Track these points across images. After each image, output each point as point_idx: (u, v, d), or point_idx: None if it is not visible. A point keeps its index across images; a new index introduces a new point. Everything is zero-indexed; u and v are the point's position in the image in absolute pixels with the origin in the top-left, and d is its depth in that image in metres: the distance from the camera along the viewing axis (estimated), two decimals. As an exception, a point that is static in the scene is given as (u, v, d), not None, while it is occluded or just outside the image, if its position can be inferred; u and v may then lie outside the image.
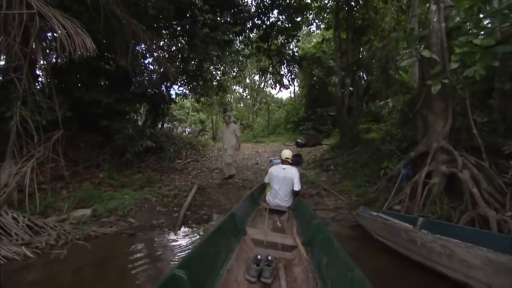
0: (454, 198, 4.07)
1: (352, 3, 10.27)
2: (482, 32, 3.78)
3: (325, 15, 12.29)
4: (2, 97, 4.39)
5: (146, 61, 8.10)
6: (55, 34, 4.29)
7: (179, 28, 8.30)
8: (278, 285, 2.16)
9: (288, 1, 10.13)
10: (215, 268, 2.17)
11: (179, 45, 8.61)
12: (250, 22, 9.95)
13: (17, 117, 4.00)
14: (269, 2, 9.92)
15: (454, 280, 2.33)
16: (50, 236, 3.41)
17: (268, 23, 10.40)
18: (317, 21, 13.17)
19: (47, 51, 4.95)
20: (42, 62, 5.12)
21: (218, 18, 8.03)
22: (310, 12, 12.02)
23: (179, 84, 10.17)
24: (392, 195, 4.72)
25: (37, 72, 5.79)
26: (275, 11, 10.35)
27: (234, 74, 14.62)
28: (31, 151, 4.15)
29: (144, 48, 7.16)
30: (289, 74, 13.77)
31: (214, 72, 12.08)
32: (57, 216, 3.97)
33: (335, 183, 6.95)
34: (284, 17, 10.53)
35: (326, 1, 11.62)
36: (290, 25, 10.58)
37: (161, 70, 7.89)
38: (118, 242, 3.66)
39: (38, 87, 5.34)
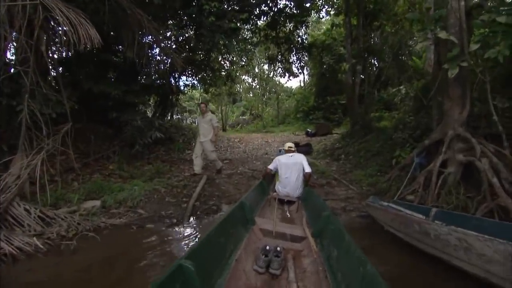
0: (471, 188, 3.91)
1: (363, -14, 9.85)
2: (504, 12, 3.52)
3: (335, 0, 11.87)
4: (13, 91, 4.42)
5: (153, 52, 8.05)
6: (60, 28, 4.28)
7: (185, 18, 8.17)
8: (286, 277, 2.12)
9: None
10: (223, 258, 2.15)
11: (186, 35, 8.50)
12: (258, 8, 9.69)
13: (25, 110, 4.02)
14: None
15: (472, 274, 2.23)
16: (61, 227, 3.46)
17: (276, 9, 10.13)
18: (326, 6, 12.78)
19: (52, 43, 4.94)
20: (49, 54, 5.11)
21: (225, 6, 7.85)
22: (320, -3, 11.64)
23: (187, 74, 10.11)
24: (404, 184, 4.59)
25: (48, 65, 5.83)
26: (283, -3, 10.07)
27: (243, 63, 14.44)
28: (41, 143, 4.19)
29: (150, 39, 7.09)
30: (298, 62, 13.53)
31: (222, 62, 11.95)
32: (67, 208, 4.02)
33: (345, 173, 6.84)
34: (292, 3, 10.22)
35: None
36: (298, 11, 10.27)
37: (169, 61, 7.84)
38: (127, 233, 3.68)
39: (49, 79, 5.36)
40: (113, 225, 3.84)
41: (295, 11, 10.29)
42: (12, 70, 4.45)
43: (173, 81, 9.25)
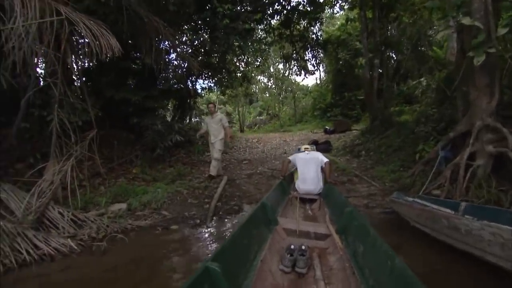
0: (503, 181, 3.71)
1: (378, -23, 9.63)
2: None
3: (349, -6, 11.68)
4: (44, 102, 4.69)
5: (170, 57, 8.25)
6: (83, 40, 4.50)
7: (199, 22, 8.33)
8: (313, 275, 2.10)
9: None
10: (249, 259, 2.15)
11: (201, 38, 8.65)
12: (271, 8, 9.73)
13: (55, 119, 4.25)
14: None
15: (508, 271, 2.12)
16: (91, 229, 3.62)
17: (289, 7, 10.11)
18: (340, 1, 12.58)
19: (77, 54, 5.18)
20: (74, 65, 5.37)
21: (238, 8, 7.93)
22: (333, -8, 11.50)
23: (203, 77, 10.29)
24: (429, 179, 4.44)
25: (72, 76, 6.12)
26: (296, -6, 10.04)
27: (258, 63, 14.49)
28: (70, 150, 4.40)
29: (167, 45, 7.28)
30: (313, 59, 13.41)
31: (237, 63, 12.06)
32: (96, 211, 4.19)
33: (367, 169, 6.71)
34: (305, 0, 10.17)
35: (349, -21, 11.05)
36: (312, 8, 10.20)
37: (185, 65, 8.01)
38: (153, 234, 3.79)
39: (74, 89, 5.64)
40: (139, 226, 3.97)
41: (308, 8, 10.24)
42: (41, 83, 4.72)
43: (190, 84, 9.45)
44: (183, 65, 8.25)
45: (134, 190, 5.02)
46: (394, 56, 13.09)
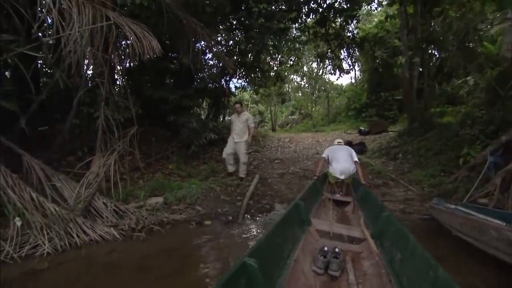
0: None
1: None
2: None
3: (389, -11, 11.12)
4: (92, 100, 5.08)
5: (206, 57, 8.47)
6: (126, 42, 4.79)
7: (235, 22, 8.45)
8: (346, 278, 2.07)
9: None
10: (283, 258, 2.18)
11: (236, 38, 8.77)
12: (306, 7, 9.60)
13: (102, 116, 4.58)
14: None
15: None
16: (131, 220, 3.86)
17: (325, 5, 9.89)
18: (378, -4, 12.09)
19: (121, 56, 5.52)
20: (118, 66, 5.73)
21: (273, 7, 7.93)
22: (371, -12, 11.07)
23: (237, 77, 10.42)
24: (475, 186, 4.14)
25: (115, 76, 6.54)
26: (332, -8, 9.79)
27: (291, 63, 14.38)
28: (113, 145, 4.72)
29: (203, 45, 7.48)
30: (349, 57, 13.02)
31: (271, 63, 12.05)
32: (135, 203, 4.45)
33: (403, 173, 6.41)
34: (342, -3, 9.90)
35: (389, -27, 10.53)
36: (348, 5, 9.89)
37: (220, 64, 8.19)
38: (187, 228, 3.95)
39: (117, 89, 6.03)
40: (174, 220, 4.15)
41: (344, 6, 9.94)
42: (89, 83, 5.11)
43: (224, 83, 9.62)
44: (218, 64, 8.43)
45: (170, 185, 5.25)
46: (436, 53, 12.28)
